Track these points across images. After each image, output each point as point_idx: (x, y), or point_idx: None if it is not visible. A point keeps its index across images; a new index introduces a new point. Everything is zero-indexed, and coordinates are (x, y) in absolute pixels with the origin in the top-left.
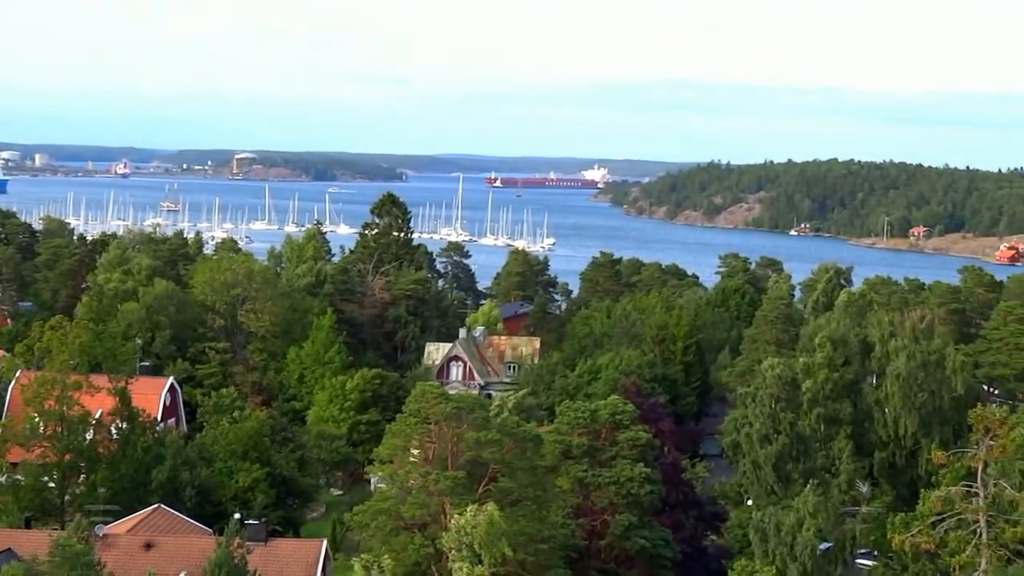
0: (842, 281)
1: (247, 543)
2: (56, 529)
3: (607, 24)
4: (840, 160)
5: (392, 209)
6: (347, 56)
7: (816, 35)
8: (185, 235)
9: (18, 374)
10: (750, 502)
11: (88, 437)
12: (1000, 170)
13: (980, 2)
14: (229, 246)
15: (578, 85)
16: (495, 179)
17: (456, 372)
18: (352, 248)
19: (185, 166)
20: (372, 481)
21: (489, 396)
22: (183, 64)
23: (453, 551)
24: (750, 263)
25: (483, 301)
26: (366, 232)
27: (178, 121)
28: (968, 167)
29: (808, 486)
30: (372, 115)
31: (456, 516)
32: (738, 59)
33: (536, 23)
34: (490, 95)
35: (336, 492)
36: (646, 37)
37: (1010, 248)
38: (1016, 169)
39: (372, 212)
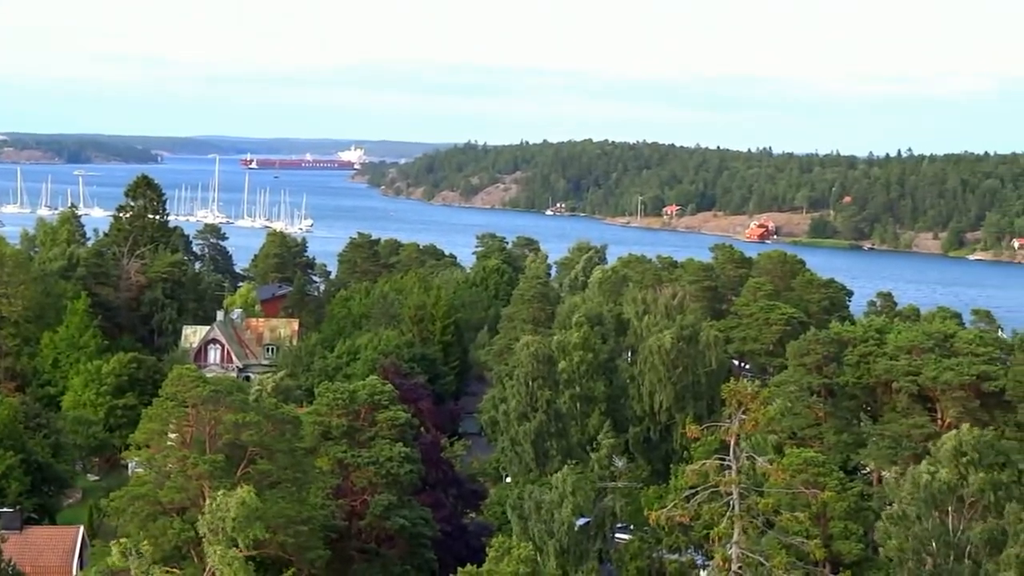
0: (597, 259)
1: (1, 531)
2: None
3: (365, 5)
4: (595, 141)
5: (147, 191)
6: (100, 35)
7: (571, 17)
8: None
9: None
10: (509, 479)
11: None
12: (749, 150)
13: None
14: None
15: (335, 67)
16: (251, 160)
17: (214, 355)
18: (107, 231)
19: None
20: (130, 466)
21: (247, 378)
22: None
23: (208, 534)
24: (507, 243)
25: (241, 283)
26: (121, 215)
27: None
28: (719, 147)
29: (566, 465)
30: (127, 96)
31: (210, 499)
32: (495, 41)
33: (294, 2)
34: (247, 76)
35: (93, 478)
36: (403, 18)
37: (760, 226)
38: (765, 149)
39: (126, 194)
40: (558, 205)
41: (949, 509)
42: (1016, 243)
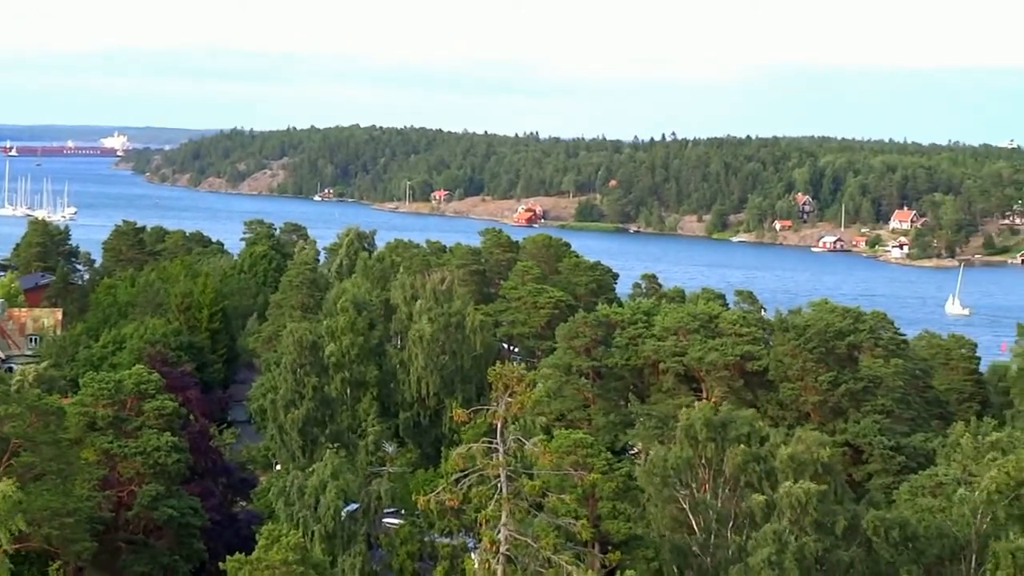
0: (365, 245)
1: None
2: None
3: None
4: (362, 126)
5: None
6: None
7: (338, 1)
8: None
9: None
10: (279, 467)
11: None
12: (517, 135)
13: None
14: None
15: (95, 52)
16: (10, 148)
17: None
18: None
19: None
20: None
21: (10, 370)
22: None
23: None
24: (275, 229)
25: (2, 273)
26: None
27: None
28: (486, 132)
29: (329, 450)
30: None
31: None
32: (261, 25)
33: None
34: (3, 62)
35: None
36: (167, 2)
37: (527, 210)
38: (532, 134)
39: None
40: (326, 191)
41: (707, 485)
42: (777, 225)
